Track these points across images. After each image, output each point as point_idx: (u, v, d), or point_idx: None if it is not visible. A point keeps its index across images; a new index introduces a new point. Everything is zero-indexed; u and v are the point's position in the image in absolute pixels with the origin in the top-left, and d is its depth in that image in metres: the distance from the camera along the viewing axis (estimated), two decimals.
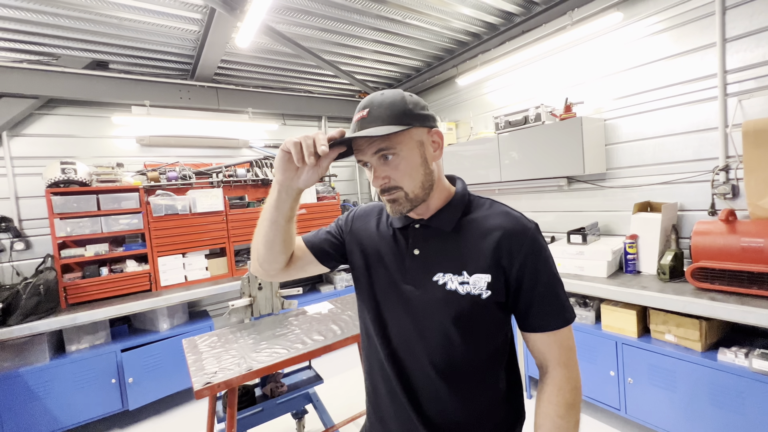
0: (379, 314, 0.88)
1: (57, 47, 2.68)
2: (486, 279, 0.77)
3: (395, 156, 0.77)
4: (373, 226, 0.95)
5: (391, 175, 0.78)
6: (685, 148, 2.27)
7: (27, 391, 2.39)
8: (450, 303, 0.78)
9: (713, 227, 1.93)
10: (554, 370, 0.79)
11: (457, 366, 0.80)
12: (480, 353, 0.81)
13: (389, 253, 0.88)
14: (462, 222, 0.83)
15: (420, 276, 0.82)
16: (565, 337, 0.79)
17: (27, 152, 2.88)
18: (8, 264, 2.79)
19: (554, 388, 0.78)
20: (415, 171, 0.78)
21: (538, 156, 2.72)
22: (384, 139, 0.76)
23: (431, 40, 3.15)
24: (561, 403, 0.76)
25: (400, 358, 0.85)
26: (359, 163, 0.82)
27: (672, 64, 2.27)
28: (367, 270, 0.91)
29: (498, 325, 0.82)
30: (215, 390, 1.47)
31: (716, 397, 1.76)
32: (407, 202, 0.79)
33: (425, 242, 0.84)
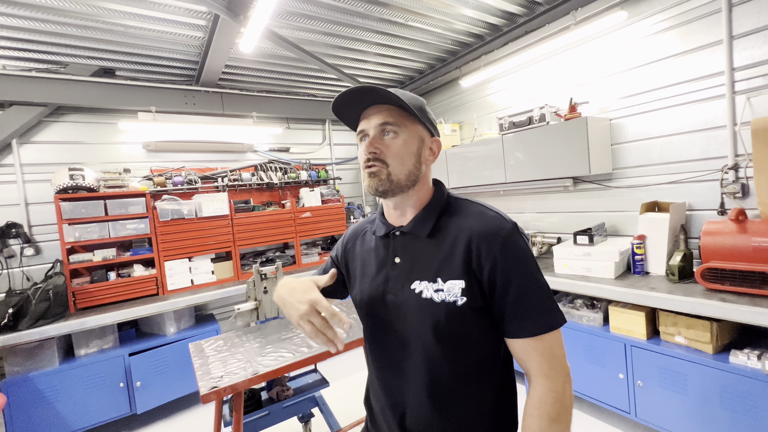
0: (368, 324, 0.89)
1: (65, 55, 2.72)
2: (460, 285, 0.74)
3: (395, 136, 0.79)
4: (362, 239, 0.95)
5: (383, 150, 0.78)
6: (693, 146, 2.24)
7: (37, 395, 2.42)
8: (426, 311, 0.76)
9: (723, 227, 1.90)
10: (536, 381, 0.73)
11: (439, 377, 0.76)
12: (463, 363, 0.76)
13: (374, 263, 0.87)
14: (437, 226, 0.81)
15: (400, 284, 0.81)
16: (547, 345, 0.72)
17: (36, 159, 2.92)
18: (18, 269, 2.83)
19: (535, 400, 0.72)
20: (407, 157, 0.79)
21: (543, 157, 2.70)
22: (393, 115, 0.78)
23: (434, 42, 3.15)
24: (543, 417, 0.71)
25: (386, 370, 0.84)
26: (358, 136, 0.83)
27: (678, 62, 2.25)
28: (357, 282, 0.91)
29: (481, 332, 0.77)
30: (221, 394, 1.48)
31: (728, 400, 1.72)
32: (387, 181, 0.78)
33: (405, 250, 0.83)
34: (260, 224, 3.55)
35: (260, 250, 3.88)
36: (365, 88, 0.76)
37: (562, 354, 0.74)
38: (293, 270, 3.66)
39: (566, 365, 0.75)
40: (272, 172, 3.81)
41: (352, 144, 4.62)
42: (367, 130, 0.80)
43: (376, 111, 0.80)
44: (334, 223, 3.99)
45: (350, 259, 0.96)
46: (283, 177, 3.84)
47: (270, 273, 2.32)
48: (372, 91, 0.76)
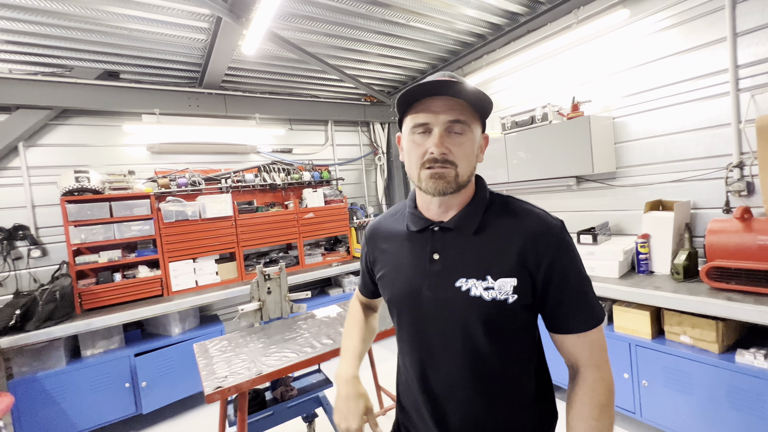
0: (404, 322, 0.86)
1: (70, 59, 2.75)
2: (512, 283, 0.74)
3: (464, 135, 0.75)
4: (388, 235, 0.92)
5: (452, 149, 0.74)
6: (697, 145, 2.22)
7: (44, 395, 2.45)
8: (475, 310, 0.75)
9: (728, 225, 1.89)
10: (586, 371, 0.76)
11: (486, 374, 0.77)
12: (510, 359, 0.78)
13: (408, 259, 0.84)
14: (483, 223, 0.80)
15: (441, 282, 0.79)
16: (596, 338, 0.76)
17: (42, 162, 2.95)
18: (26, 271, 2.86)
19: (587, 389, 0.75)
20: (472, 158, 0.78)
21: (546, 156, 2.69)
22: (464, 112, 0.75)
23: (436, 42, 3.16)
24: (595, 405, 0.73)
25: (425, 368, 0.83)
26: (416, 128, 0.76)
27: (681, 60, 2.23)
28: (388, 279, 0.89)
29: (526, 328, 0.80)
30: (226, 394, 1.49)
31: (734, 400, 1.71)
32: (454, 183, 0.76)
33: (445, 246, 0.80)
34: (263, 225, 3.56)
35: (264, 251, 3.90)
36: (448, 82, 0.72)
37: (606, 345, 0.79)
38: (297, 270, 3.67)
39: (608, 356, 0.79)
40: (275, 173, 3.83)
41: (354, 145, 4.63)
42: (431, 124, 0.75)
43: (446, 105, 0.74)
44: (337, 223, 3.99)
45: (378, 256, 0.93)
46: (286, 178, 3.85)
47: (273, 274, 2.33)
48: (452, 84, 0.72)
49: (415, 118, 0.77)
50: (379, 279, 0.92)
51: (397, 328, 0.89)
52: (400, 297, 0.85)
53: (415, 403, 0.86)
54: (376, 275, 0.94)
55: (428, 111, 0.75)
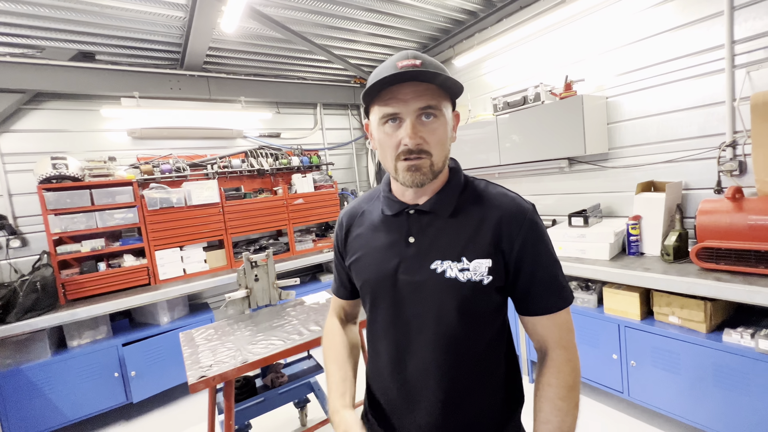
0: (377, 307, 0.84)
1: (40, 38, 2.60)
2: (487, 264, 0.74)
3: (436, 121, 0.72)
4: (362, 220, 0.90)
5: (426, 138, 0.71)
6: (690, 124, 2.18)
7: (30, 387, 2.41)
8: (451, 291, 0.75)
9: (719, 205, 1.87)
10: (553, 352, 0.77)
11: (459, 358, 0.77)
12: (481, 339, 0.78)
13: (384, 243, 0.83)
14: (459, 205, 0.79)
15: (417, 265, 0.77)
16: (564, 319, 0.78)
17: (17, 148, 2.83)
18: (5, 262, 2.78)
19: (554, 370, 0.76)
20: (446, 142, 0.75)
21: (538, 137, 2.64)
22: (434, 97, 0.71)
23: (426, 20, 3.04)
24: (561, 385, 0.75)
25: (400, 353, 0.81)
26: (384, 119, 0.73)
27: (677, 35, 2.17)
28: (362, 265, 0.86)
29: (498, 310, 0.80)
30: (210, 383, 1.46)
31: (721, 379, 1.73)
32: (430, 173, 0.74)
33: (421, 229, 0.79)
34: (252, 212, 3.49)
35: (253, 238, 3.84)
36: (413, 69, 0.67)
37: (573, 327, 0.80)
38: (287, 257, 3.63)
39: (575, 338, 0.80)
40: (263, 159, 3.74)
41: (344, 128, 4.53)
42: (402, 114, 0.71)
43: (415, 91, 0.70)
44: (327, 209, 3.93)
45: (351, 241, 0.90)
46: (274, 163, 3.76)
47: (260, 261, 2.28)
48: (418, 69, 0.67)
49: (383, 108, 0.73)
50: (353, 263, 0.88)
51: (370, 314, 0.87)
52: (375, 281, 0.82)
53: (386, 389, 0.84)
54: (349, 260, 0.90)
55: (397, 100, 0.71)
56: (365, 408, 0.96)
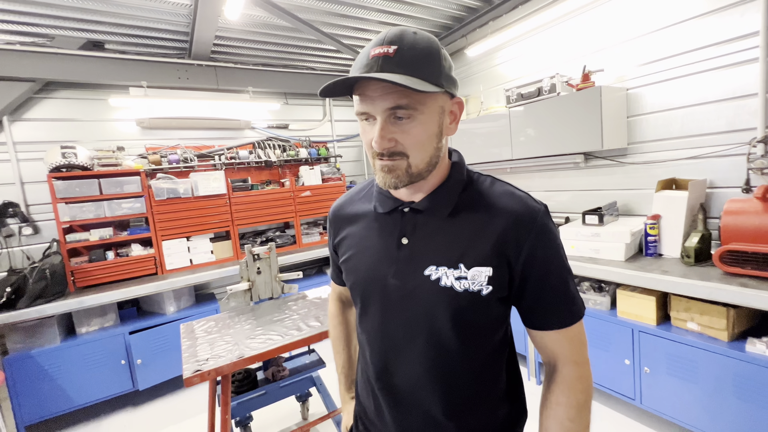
0: (365, 313, 0.78)
1: (50, 27, 2.60)
2: (487, 273, 0.66)
3: (411, 119, 0.62)
4: (354, 215, 0.83)
5: (399, 139, 0.63)
6: (718, 118, 2.04)
7: (40, 372, 2.46)
8: (445, 302, 0.67)
9: (747, 206, 1.74)
10: (564, 368, 0.70)
11: (453, 372, 0.70)
12: (479, 354, 0.71)
13: (375, 243, 0.76)
14: (459, 205, 0.71)
15: (409, 270, 0.70)
16: (577, 333, 0.70)
17: (29, 137, 2.87)
18: (18, 249, 2.84)
19: (564, 387, 0.69)
20: (428, 142, 0.65)
21: (553, 131, 2.52)
22: (406, 95, 0.60)
23: (438, 7, 2.93)
24: (572, 405, 0.68)
25: (387, 363, 0.74)
26: (359, 116, 0.66)
27: (706, 22, 2.02)
28: (351, 264, 0.79)
29: (499, 321, 0.72)
30: (205, 378, 1.44)
31: (742, 391, 1.62)
32: (406, 176, 0.66)
33: (415, 229, 0.72)
34: (259, 203, 3.47)
35: (260, 230, 3.83)
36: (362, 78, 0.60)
37: (586, 341, 0.73)
38: (294, 250, 3.61)
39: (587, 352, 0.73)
40: (270, 150, 3.71)
41: (353, 120, 4.45)
42: (370, 113, 0.64)
43: (383, 88, 0.61)
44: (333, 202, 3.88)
45: (343, 241, 0.83)
46: (281, 155, 3.73)
47: (263, 253, 2.26)
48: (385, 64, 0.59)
49: (358, 105, 0.65)
50: (343, 263, 0.82)
51: (359, 318, 0.81)
52: (364, 284, 0.76)
53: (374, 399, 0.79)
54: (341, 259, 0.84)
55: (365, 97, 0.63)
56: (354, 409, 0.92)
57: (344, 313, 1.03)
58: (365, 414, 0.84)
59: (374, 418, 0.81)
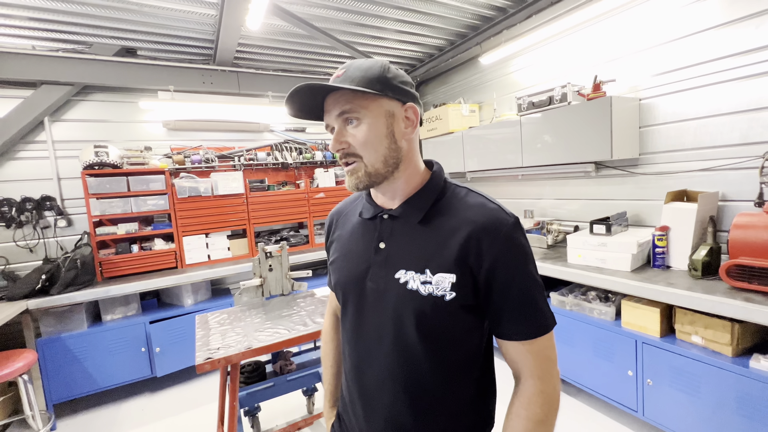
0: (346, 313, 0.84)
1: (89, 35, 2.82)
2: (450, 279, 0.69)
3: (358, 122, 0.71)
4: (345, 221, 0.90)
5: (351, 141, 0.72)
6: (732, 130, 2.01)
7: (68, 354, 2.65)
8: (409, 304, 0.71)
9: (757, 220, 1.71)
10: (527, 382, 0.71)
11: (416, 376, 0.73)
12: (444, 362, 0.73)
13: (358, 246, 0.81)
14: (431, 213, 0.75)
15: (383, 273, 0.75)
16: (542, 347, 0.71)
17: (66, 136, 3.09)
18: (53, 239, 3.06)
19: (524, 400, 0.70)
20: (378, 142, 0.71)
21: (564, 139, 2.53)
22: (349, 101, 0.70)
23: (454, 17, 2.99)
24: (530, 418, 0.69)
25: (360, 362, 0.80)
26: (327, 129, 0.76)
27: (721, 34, 2.00)
28: (337, 266, 0.86)
29: (467, 330, 0.74)
30: (215, 365, 1.54)
31: (746, 407, 1.60)
32: (365, 176, 0.73)
33: (392, 235, 0.77)
34: (275, 203, 3.61)
35: (275, 229, 3.97)
36: (304, 87, 0.69)
37: (555, 356, 0.73)
38: (306, 249, 3.72)
39: (557, 368, 0.73)
40: (287, 152, 3.84)
41: None
42: (330, 123, 0.74)
43: (333, 100, 0.72)
44: None
45: (333, 243, 0.91)
46: (298, 157, 3.86)
47: (275, 252, 2.37)
48: (311, 87, 0.69)
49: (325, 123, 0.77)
50: (331, 264, 0.89)
51: (342, 317, 0.87)
52: (345, 285, 0.82)
53: (351, 395, 0.84)
54: (329, 260, 0.91)
55: (326, 111, 0.75)
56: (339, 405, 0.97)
57: (337, 331, 1.05)
58: (345, 410, 0.89)
59: (351, 414, 0.85)
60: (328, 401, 1.03)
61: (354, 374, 0.81)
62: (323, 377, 1.06)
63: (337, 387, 1.04)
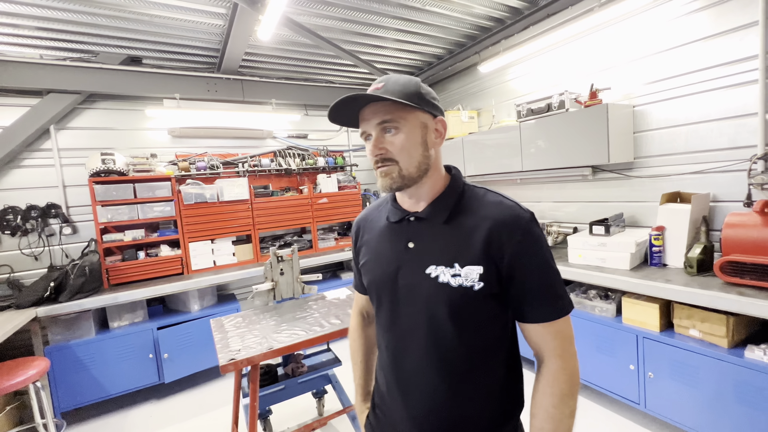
0: (379, 308, 0.91)
1: (95, 44, 2.85)
2: (478, 271, 0.77)
3: (397, 131, 0.80)
4: (372, 226, 0.97)
5: (389, 148, 0.80)
6: (720, 135, 2.14)
7: (77, 361, 2.65)
8: (441, 295, 0.78)
9: (747, 219, 1.83)
10: (549, 361, 0.79)
11: (450, 361, 0.80)
12: (474, 346, 0.80)
13: (387, 248, 0.89)
14: (454, 213, 0.83)
15: (414, 269, 0.82)
16: (561, 328, 0.78)
17: (71, 144, 3.11)
18: (58, 247, 3.06)
19: (549, 378, 0.78)
20: (414, 149, 0.80)
21: (562, 145, 2.64)
22: (389, 111, 0.79)
23: (453, 27, 3.10)
24: (555, 393, 0.76)
25: (396, 352, 0.87)
26: (362, 137, 0.85)
27: (709, 45, 2.14)
28: (369, 267, 0.93)
29: (493, 317, 0.82)
30: (239, 366, 1.58)
31: (742, 395, 1.70)
32: (399, 178, 0.80)
33: (419, 235, 0.85)
34: (279, 209, 3.66)
35: (279, 234, 4.01)
36: (353, 96, 0.78)
37: (573, 336, 0.80)
38: (310, 254, 3.77)
39: (575, 347, 0.80)
40: (290, 159, 3.90)
41: None
42: (368, 131, 0.82)
43: (372, 110, 0.80)
44: (350, 209, 4.05)
45: (362, 247, 0.99)
46: (301, 163, 3.92)
47: (286, 256, 2.42)
48: (360, 96, 0.78)
49: (360, 128, 0.85)
50: (362, 266, 0.97)
51: (376, 312, 0.93)
52: (379, 282, 0.89)
53: (389, 384, 0.91)
54: (360, 263, 0.99)
55: (363, 120, 0.83)
56: (372, 398, 1.04)
57: (364, 329, 1.13)
58: (383, 401, 0.96)
59: (389, 404, 0.92)
60: (360, 395, 1.10)
61: (391, 364, 0.88)
62: (354, 373, 1.13)
63: (367, 382, 1.11)
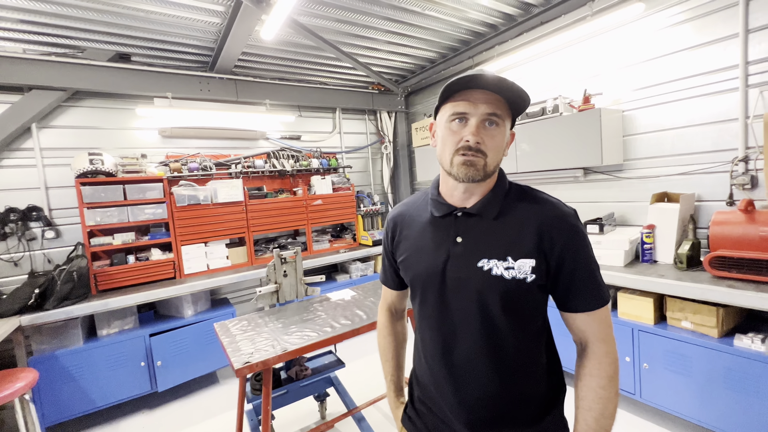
0: (426, 301, 0.92)
1: (82, 40, 2.74)
2: (530, 263, 0.81)
3: (497, 128, 0.82)
4: (411, 222, 0.98)
5: (486, 140, 0.81)
6: (704, 139, 2.29)
7: (64, 372, 2.51)
8: (496, 287, 0.81)
9: (732, 217, 1.96)
10: (594, 345, 0.84)
11: (502, 349, 0.84)
12: (524, 335, 0.85)
13: (431, 242, 0.91)
14: (503, 209, 0.87)
15: (464, 263, 0.85)
16: (603, 315, 0.84)
17: (55, 143, 2.96)
18: (40, 252, 2.90)
19: (595, 362, 0.83)
20: (500, 150, 0.84)
21: (555, 147, 2.75)
22: (500, 107, 0.81)
23: (447, 31, 3.17)
24: (603, 375, 0.81)
25: (446, 343, 0.89)
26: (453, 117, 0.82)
27: (693, 54, 2.28)
28: (412, 262, 0.94)
29: (538, 305, 0.87)
30: (254, 369, 1.56)
31: (732, 382, 1.81)
32: (482, 171, 0.82)
33: (468, 230, 0.87)
34: (273, 211, 3.60)
35: (273, 236, 3.95)
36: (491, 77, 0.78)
37: (612, 322, 0.86)
38: (305, 256, 3.73)
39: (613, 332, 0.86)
40: (284, 160, 3.86)
41: (361, 133, 4.65)
42: (469, 114, 0.81)
43: (485, 98, 0.80)
44: (344, 210, 4.04)
45: (401, 243, 0.99)
46: (294, 165, 3.88)
47: (289, 257, 2.39)
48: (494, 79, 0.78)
49: (455, 107, 0.82)
50: (402, 261, 0.98)
51: (419, 307, 0.95)
52: (425, 276, 0.91)
53: (435, 377, 0.92)
54: (398, 258, 0.99)
55: (468, 101, 0.81)
56: (412, 395, 1.05)
57: (393, 325, 1.16)
58: (425, 394, 0.97)
59: (435, 395, 0.93)
60: (392, 391, 1.11)
61: (440, 354, 0.90)
62: (384, 370, 1.14)
63: (399, 377, 1.13)
